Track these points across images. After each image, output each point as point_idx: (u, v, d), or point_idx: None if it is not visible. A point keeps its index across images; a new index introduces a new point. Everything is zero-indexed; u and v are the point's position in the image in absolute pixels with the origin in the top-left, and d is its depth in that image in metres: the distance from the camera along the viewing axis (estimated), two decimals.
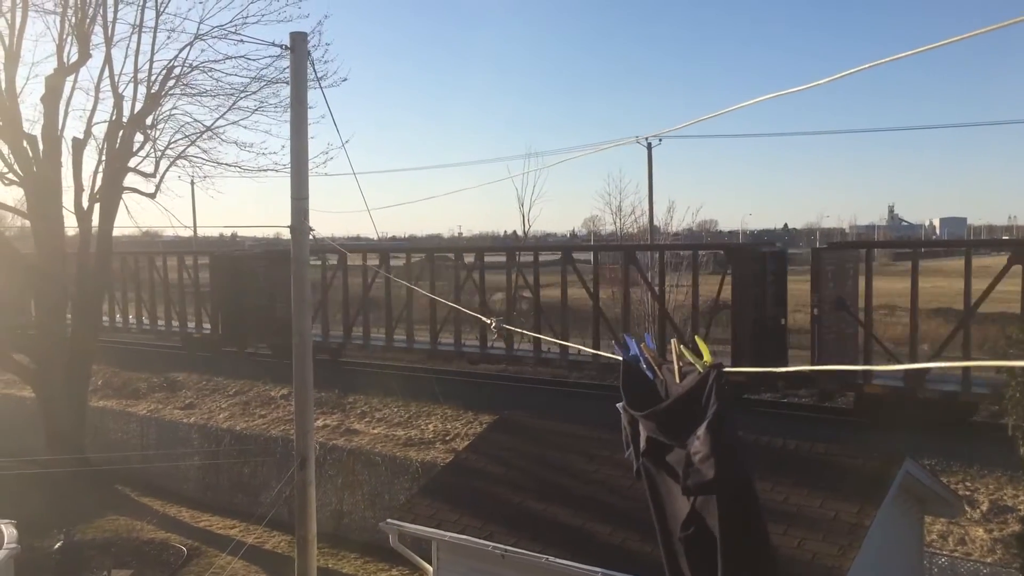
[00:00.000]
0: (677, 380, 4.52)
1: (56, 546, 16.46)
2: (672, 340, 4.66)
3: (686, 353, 4.48)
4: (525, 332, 8.29)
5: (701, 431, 4.20)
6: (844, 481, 8.35)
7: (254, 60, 26.39)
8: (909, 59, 4.05)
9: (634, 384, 4.80)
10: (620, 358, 4.92)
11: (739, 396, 18.47)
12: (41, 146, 20.08)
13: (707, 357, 4.38)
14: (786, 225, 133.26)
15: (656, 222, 34.03)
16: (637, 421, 4.70)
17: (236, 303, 27.92)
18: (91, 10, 19.99)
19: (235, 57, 20.94)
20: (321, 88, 13.97)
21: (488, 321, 6.76)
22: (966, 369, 15.97)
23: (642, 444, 4.68)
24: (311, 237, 9.55)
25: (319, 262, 25.78)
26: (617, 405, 4.93)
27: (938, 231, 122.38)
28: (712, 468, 4.14)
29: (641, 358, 4.81)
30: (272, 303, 26.25)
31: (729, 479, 4.20)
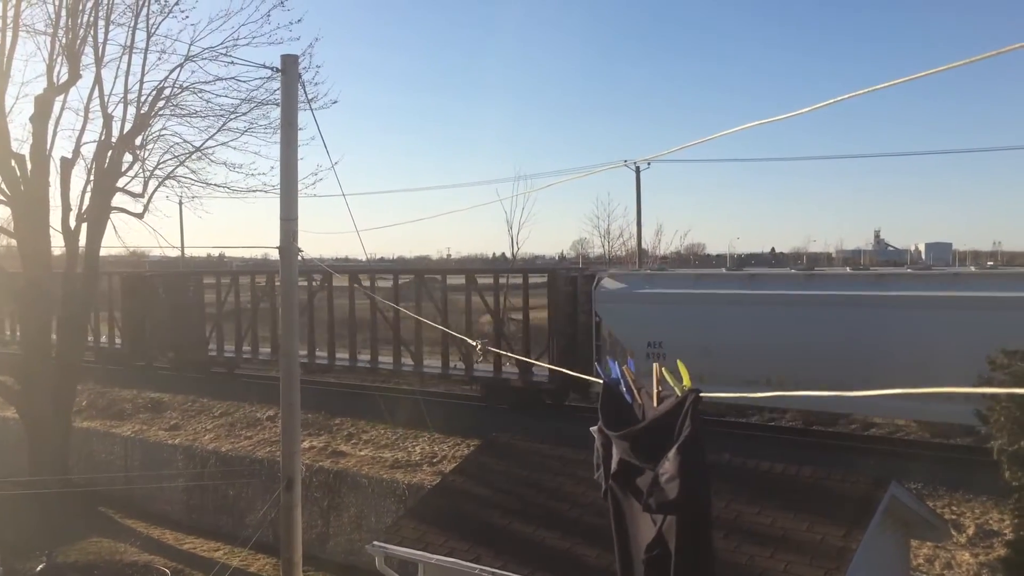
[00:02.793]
0: (655, 404, 4.56)
1: (38, 568, 16.26)
2: (655, 364, 4.70)
3: (667, 377, 4.53)
4: (510, 355, 8.37)
5: (671, 452, 4.23)
6: (831, 505, 8.38)
7: (244, 82, 26.55)
8: (896, 85, 4.14)
9: (613, 406, 4.84)
10: (601, 380, 4.97)
11: None
12: (29, 165, 20.02)
13: (687, 381, 4.42)
14: (773, 249, 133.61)
15: (644, 245, 34.24)
16: (610, 443, 4.74)
17: None
18: (82, 31, 20.02)
19: (225, 79, 21.09)
20: (311, 110, 14.13)
21: (473, 343, 6.83)
22: None
23: (613, 466, 4.71)
24: (299, 258, 9.58)
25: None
26: (591, 429, 4.97)
27: (924, 256, 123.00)
28: (676, 489, 4.18)
29: (622, 381, 4.85)
30: None
31: (691, 501, 4.24)
